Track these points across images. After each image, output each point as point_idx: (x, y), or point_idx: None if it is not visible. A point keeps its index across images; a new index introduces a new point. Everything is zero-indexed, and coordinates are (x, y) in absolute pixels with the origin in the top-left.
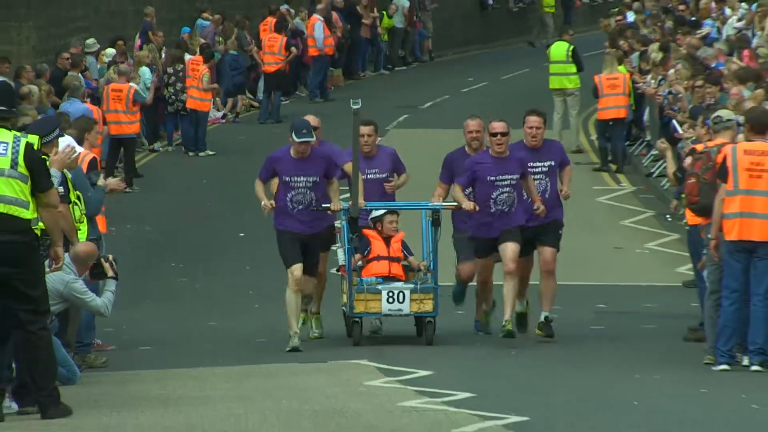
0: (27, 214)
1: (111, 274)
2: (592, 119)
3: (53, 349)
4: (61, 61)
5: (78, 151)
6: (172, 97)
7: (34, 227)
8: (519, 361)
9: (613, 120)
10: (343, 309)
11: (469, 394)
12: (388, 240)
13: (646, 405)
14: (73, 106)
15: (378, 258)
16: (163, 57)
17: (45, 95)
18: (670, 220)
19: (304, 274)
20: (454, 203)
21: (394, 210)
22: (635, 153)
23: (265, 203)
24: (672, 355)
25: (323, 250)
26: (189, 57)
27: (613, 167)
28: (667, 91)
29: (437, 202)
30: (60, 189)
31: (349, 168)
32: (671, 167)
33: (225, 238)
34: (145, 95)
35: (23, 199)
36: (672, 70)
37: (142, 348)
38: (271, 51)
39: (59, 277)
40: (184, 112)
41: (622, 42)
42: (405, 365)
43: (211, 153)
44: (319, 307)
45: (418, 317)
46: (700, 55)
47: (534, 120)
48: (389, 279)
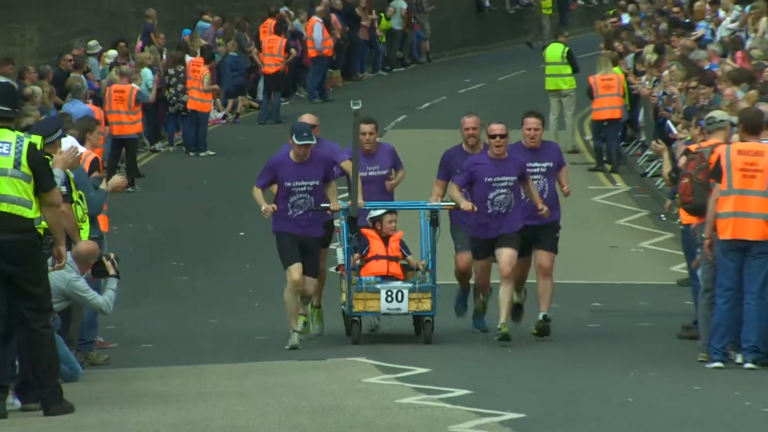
0: (30, 214)
1: (112, 272)
2: (587, 120)
3: (56, 346)
4: (64, 63)
5: (80, 151)
6: (173, 98)
7: (37, 226)
8: (516, 359)
9: (607, 120)
10: (342, 308)
11: (466, 391)
12: (386, 239)
13: (641, 402)
14: (76, 107)
15: (376, 257)
16: (164, 58)
17: (48, 96)
18: (664, 219)
19: (305, 275)
20: (452, 203)
21: (393, 209)
22: (630, 153)
23: (266, 207)
24: (666, 352)
25: (322, 247)
26: (190, 58)
27: (608, 167)
28: (662, 92)
29: (436, 202)
30: (63, 189)
31: (348, 166)
32: (667, 167)
33: (225, 237)
34: (147, 95)
35: (26, 199)
36: (666, 72)
37: (143, 345)
38: (271, 52)
39: (61, 275)
40: (184, 113)
41: (617, 44)
42: (403, 363)
43: (211, 153)
44: (320, 300)
45: (417, 316)
46: (693, 58)
47: (532, 121)
48: (388, 278)
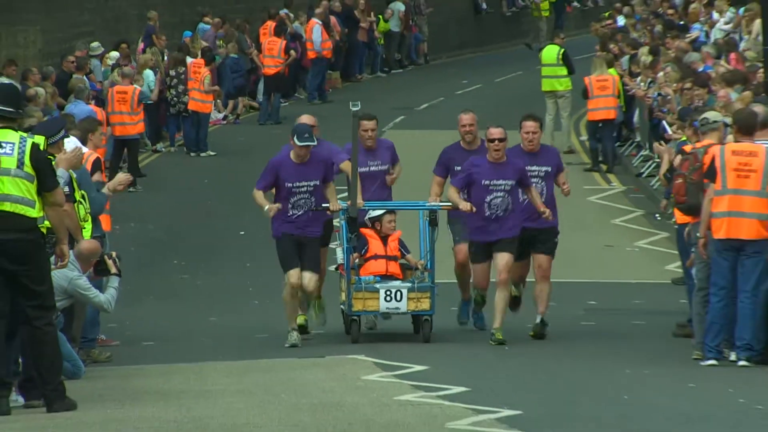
0: (33, 213)
1: (114, 270)
2: (583, 120)
3: (59, 344)
4: (67, 64)
5: (83, 151)
6: (174, 99)
7: (40, 225)
8: (513, 358)
9: (602, 121)
10: (342, 307)
11: (463, 389)
12: (385, 239)
13: (637, 399)
14: (78, 108)
15: (375, 257)
16: (166, 60)
17: (50, 97)
18: (659, 219)
19: (306, 271)
20: (450, 204)
21: (392, 209)
22: (625, 153)
23: (270, 206)
24: (661, 350)
25: (322, 246)
26: (191, 60)
27: (603, 167)
28: (657, 93)
29: (434, 202)
30: (65, 188)
31: (346, 167)
32: (664, 168)
33: (226, 237)
34: (149, 95)
35: (29, 198)
36: (661, 73)
37: (145, 343)
38: (271, 54)
39: (64, 273)
40: (185, 114)
41: (612, 45)
42: (401, 360)
43: (212, 153)
44: (320, 292)
45: (415, 315)
46: (686, 61)
47: (530, 125)
48: (387, 277)
